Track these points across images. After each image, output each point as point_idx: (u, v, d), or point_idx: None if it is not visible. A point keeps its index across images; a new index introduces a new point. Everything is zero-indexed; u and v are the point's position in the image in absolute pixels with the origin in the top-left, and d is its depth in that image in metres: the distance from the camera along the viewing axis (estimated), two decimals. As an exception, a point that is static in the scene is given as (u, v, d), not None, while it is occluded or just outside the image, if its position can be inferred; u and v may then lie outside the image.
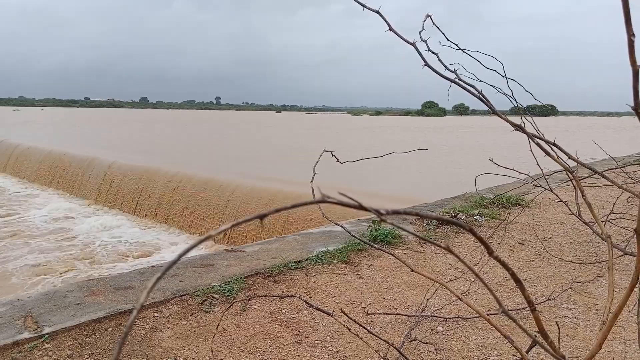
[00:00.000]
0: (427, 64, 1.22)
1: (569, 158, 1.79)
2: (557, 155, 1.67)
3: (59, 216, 13.95)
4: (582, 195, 1.26)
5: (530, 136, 1.28)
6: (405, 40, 1.28)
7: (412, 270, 1.10)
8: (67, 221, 13.47)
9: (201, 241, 0.45)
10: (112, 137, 30.62)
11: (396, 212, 0.52)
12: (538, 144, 1.32)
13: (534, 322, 2.83)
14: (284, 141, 32.11)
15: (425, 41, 1.45)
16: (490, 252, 0.64)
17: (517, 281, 0.70)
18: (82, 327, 2.75)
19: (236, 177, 13.10)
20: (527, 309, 3.21)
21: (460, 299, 0.99)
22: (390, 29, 1.31)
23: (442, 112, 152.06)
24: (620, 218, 4.27)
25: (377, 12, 1.32)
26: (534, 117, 2.11)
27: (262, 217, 0.46)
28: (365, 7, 1.34)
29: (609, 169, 3.40)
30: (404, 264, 1.09)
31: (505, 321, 3.09)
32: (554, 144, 1.75)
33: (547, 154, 1.29)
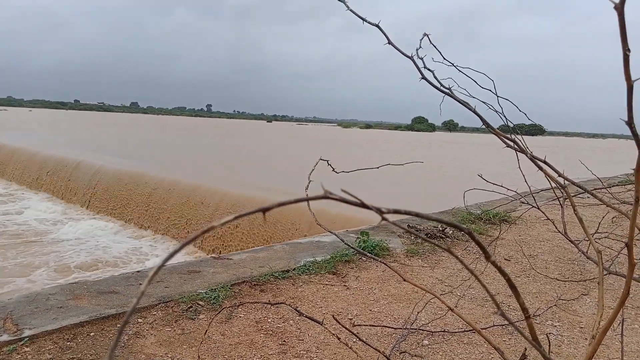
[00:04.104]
0: (424, 77, 1.24)
1: (559, 176, 1.83)
2: (548, 173, 1.70)
3: (42, 219, 13.72)
4: (575, 211, 1.28)
5: (526, 154, 1.30)
6: (403, 53, 1.30)
7: (405, 280, 1.10)
8: (50, 224, 13.26)
9: (204, 232, 0.45)
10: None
11: (397, 212, 0.52)
12: (533, 161, 1.34)
13: (517, 339, 2.81)
14: (274, 151, 32.14)
15: (422, 58, 1.48)
16: (488, 257, 0.65)
17: (513, 287, 0.70)
18: (63, 331, 2.69)
19: (224, 185, 13.04)
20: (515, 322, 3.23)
21: (452, 310, 0.99)
22: (389, 43, 1.33)
23: (432, 128, 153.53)
24: (605, 237, 4.33)
25: (377, 25, 1.34)
26: (523, 136, 2.16)
27: (264, 210, 0.46)
28: (366, 21, 1.36)
29: (595, 189, 3.46)
30: (397, 273, 1.09)
31: (490, 336, 3.10)
32: (545, 162, 1.78)
33: (541, 169, 1.31)
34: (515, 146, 1.31)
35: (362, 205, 0.49)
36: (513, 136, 1.90)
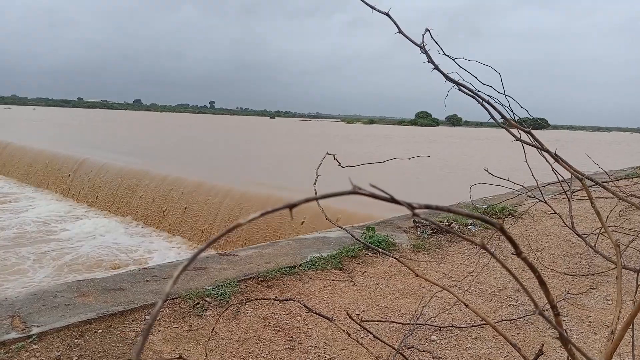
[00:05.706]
0: (436, 67, 1.21)
1: (570, 169, 1.80)
2: (561, 166, 1.67)
3: (47, 218, 13.77)
4: (592, 203, 1.26)
5: (542, 147, 1.27)
6: (414, 42, 1.27)
7: (418, 276, 1.08)
8: (54, 223, 13.30)
9: (230, 230, 0.43)
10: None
11: (428, 207, 0.50)
12: (548, 152, 1.31)
13: (525, 333, 2.79)
14: (278, 148, 32.12)
15: (427, 52, 1.45)
16: (519, 253, 0.63)
17: (542, 284, 0.68)
18: (71, 328, 2.69)
19: (228, 182, 13.03)
20: (520, 319, 3.21)
21: (467, 306, 0.98)
22: (400, 32, 1.30)
23: (435, 123, 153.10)
24: (613, 231, 4.30)
25: (387, 14, 1.31)
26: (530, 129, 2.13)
27: (291, 206, 0.44)
28: (375, 9, 1.33)
29: (603, 182, 3.43)
30: (410, 269, 1.08)
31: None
32: (556, 155, 1.75)
33: (557, 162, 1.29)
34: (531, 138, 1.28)
35: (393, 200, 0.47)
36: (518, 131, 1.87)
